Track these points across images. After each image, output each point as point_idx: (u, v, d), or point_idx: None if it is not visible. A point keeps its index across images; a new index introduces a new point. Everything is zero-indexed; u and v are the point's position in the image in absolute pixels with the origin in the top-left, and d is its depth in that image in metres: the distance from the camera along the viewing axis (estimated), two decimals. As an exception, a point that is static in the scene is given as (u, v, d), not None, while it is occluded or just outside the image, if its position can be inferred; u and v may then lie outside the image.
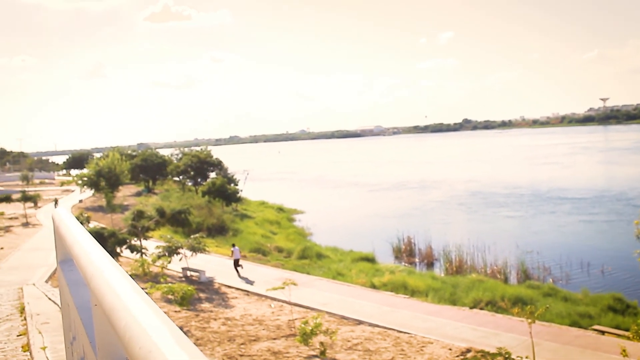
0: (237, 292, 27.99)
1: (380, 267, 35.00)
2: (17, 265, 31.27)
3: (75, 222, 2.31)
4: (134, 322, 0.95)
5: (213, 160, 75.41)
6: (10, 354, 7.37)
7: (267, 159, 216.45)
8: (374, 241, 41.78)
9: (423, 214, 58.11)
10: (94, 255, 1.59)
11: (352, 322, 22.91)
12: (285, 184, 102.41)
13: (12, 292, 14.72)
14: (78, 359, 2.32)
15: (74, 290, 2.21)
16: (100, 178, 64.08)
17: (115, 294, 1.15)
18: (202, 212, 51.59)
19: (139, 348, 0.83)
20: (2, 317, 10.40)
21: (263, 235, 48.28)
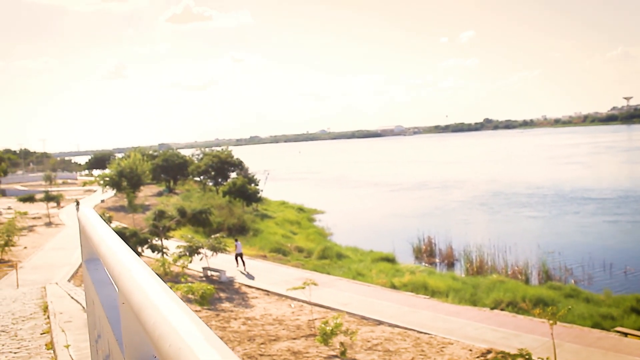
0: (258, 291, 28.08)
1: (400, 267, 34.93)
2: (40, 264, 31.65)
3: (102, 222, 2.37)
4: (163, 320, 0.99)
5: (234, 161, 75.66)
6: (34, 352, 7.48)
7: (288, 159, 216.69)
8: (394, 241, 41.68)
9: (444, 214, 57.87)
10: (122, 254, 1.64)
11: (372, 323, 22.91)
12: (306, 184, 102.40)
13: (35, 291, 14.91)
14: (103, 356, 2.38)
15: (99, 288, 2.27)
16: (122, 178, 64.69)
17: (144, 292, 1.20)
18: (223, 212, 51.78)
19: (168, 345, 0.87)
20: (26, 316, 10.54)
21: (283, 235, 48.37)
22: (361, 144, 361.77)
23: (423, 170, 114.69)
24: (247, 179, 66.30)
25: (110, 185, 67.13)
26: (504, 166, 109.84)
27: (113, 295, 2.16)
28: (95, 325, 2.57)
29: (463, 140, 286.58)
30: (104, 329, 2.22)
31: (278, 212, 62.58)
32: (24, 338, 8.45)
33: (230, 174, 74.78)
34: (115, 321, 1.86)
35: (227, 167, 75.12)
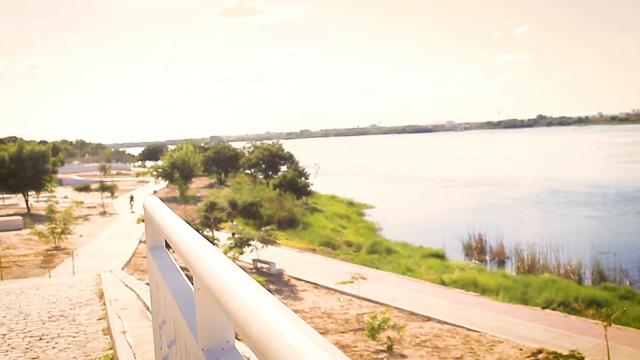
0: (307, 284, 28.20)
1: (450, 263, 34.69)
2: (95, 252, 32.34)
3: (169, 210, 2.43)
4: (247, 304, 1.02)
5: (284, 154, 75.98)
6: (92, 337, 7.67)
7: (338, 153, 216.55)
8: (445, 238, 41.35)
9: (497, 212, 57.12)
10: (195, 240, 1.69)
11: (421, 319, 22.81)
12: (356, 179, 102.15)
13: (90, 278, 15.24)
14: (168, 342, 2.44)
15: (166, 275, 2.33)
16: (174, 170, 65.56)
17: (222, 277, 1.24)
18: (273, 205, 52.10)
19: (257, 328, 0.90)
20: (83, 302, 10.80)
21: (333, 229, 48.43)
22: (412, 139, 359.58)
23: (476, 166, 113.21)
24: (298, 172, 66.50)
25: (163, 176, 68.11)
26: (561, 163, 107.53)
27: (180, 281, 2.22)
28: (160, 311, 2.64)
29: (516, 137, 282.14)
30: (170, 315, 2.28)
31: (328, 206, 62.65)
32: (81, 323, 8.67)
33: (281, 167, 75.12)
34: (184, 307, 1.92)
35: (277, 160, 75.48)
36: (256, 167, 78.13)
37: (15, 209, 52.63)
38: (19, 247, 34.62)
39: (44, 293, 12.59)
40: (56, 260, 30.10)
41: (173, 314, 2.13)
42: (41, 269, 28.40)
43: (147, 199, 2.95)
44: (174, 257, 2.70)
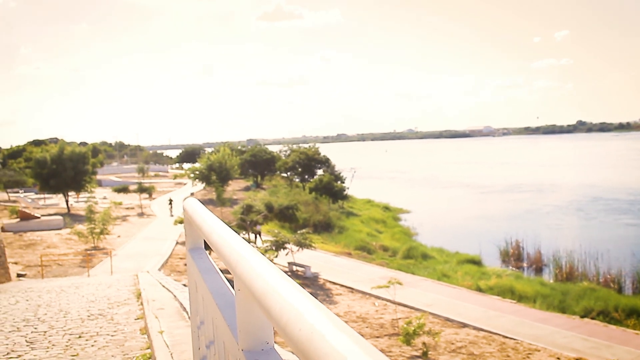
0: (342, 288, 28.19)
1: (486, 270, 34.37)
2: (132, 253, 32.76)
3: (209, 212, 2.46)
4: (289, 305, 1.03)
5: (320, 158, 76.04)
6: (130, 336, 7.77)
7: (374, 157, 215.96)
8: (481, 244, 40.94)
9: (535, 218, 56.37)
10: (236, 242, 1.71)
11: (457, 325, 22.64)
12: (393, 184, 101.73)
13: (128, 278, 15.43)
14: (206, 342, 2.47)
15: (205, 276, 2.36)
16: (211, 172, 66.12)
17: (264, 279, 1.25)
18: (309, 208, 52.16)
19: (299, 330, 0.91)
20: (120, 301, 10.94)
21: (368, 234, 48.33)
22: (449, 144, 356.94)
23: (514, 172, 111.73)
24: (334, 176, 66.55)
25: (200, 178, 68.72)
26: (602, 170, 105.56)
27: (219, 282, 2.25)
28: (199, 312, 2.67)
29: (555, 143, 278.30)
30: (209, 316, 2.31)
31: (364, 210, 62.54)
32: (119, 322, 8.79)
33: (317, 170, 75.21)
34: (224, 308, 1.94)
35: (313, 164, 75.59)
36: (292, 171, 78.32)
37: (56, 208, 53.55)
38: (59, 246, 35.22)
39: (83, 292, 12.79)
40: (95, 260, 30.56)
41: (212, 314, 2.16)
42: (80, 268, 28.85)
43: (186, 200, 2.99)
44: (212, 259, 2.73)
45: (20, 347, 7.38)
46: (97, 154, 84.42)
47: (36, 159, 52.72)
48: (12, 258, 29.76)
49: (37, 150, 60.91)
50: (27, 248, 34.10)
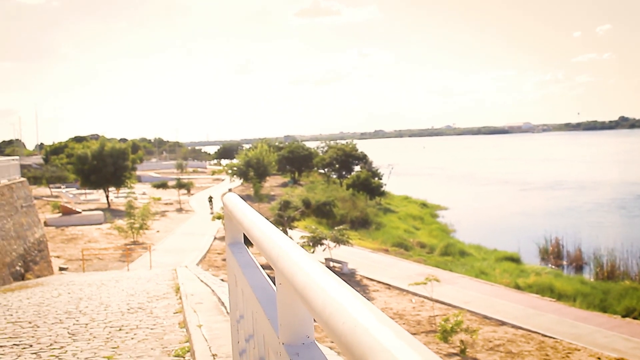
0: (379, 285, 28.12)
1: (525, 267, 34.00)
2: (171, 248, 33.13)
3: (249, 207, 2.47)
4: (332, 299, 1.03)
5: (358, 154, 75.89)
6: (169, 329, 7.86)
7: (412, 154, 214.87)
8: (520, 241, 40.46)
9: (576, 216, 55.48)
10: (277, 237, 1.72)
11: (495, 323, 22.45)
12: (430, 180, 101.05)
13: (167, 273, 15.60)
14: (245, 336, 2.48)
15: (245, 270, 2.37)
16: (249, 168, 66.51)
17: (306, 273, 1.25)
18: (346, 204, 52.12)
19: (342, 323, 0.91)
20: (159, 295, 11.06)
21: (406, 230, 48.13)
22: (487, 140, 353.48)
23: (555, 169, 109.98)
24: (371, 172, 66.35)
25: (238, 174, 69.14)
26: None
27: (259, 277, 2.26)
28: (238, 306, 2.69)
29: (596, 139, 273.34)
30: (249, 310, 2.32)
31: (401, 207, 62.30)
32: (158, 316, 8.90)
33: (354, 167, 75.08)
34: (264, 302, 1.95)
35: (351, 160, 75.47)
36: (330, 167, 78.31)
37: (97, 204, 54.37)
38: (99, 240, 35.76)
39: (122, 286, 12.97)
40: (134, 255, 30.98)
41: (252, 308, 2.17)
42: (120, 262, 29.28)
43: (226, 196, 3.01)
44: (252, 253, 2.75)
45: (62, 339, 7.52)
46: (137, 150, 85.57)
47: (77, 155, 53.60)
48: (54, 252, 30.33)
49: (78, 146, 61.83)
50: (69, 242, 34.70)
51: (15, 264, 20.72)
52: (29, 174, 53.24)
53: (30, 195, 26.14)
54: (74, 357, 6.53)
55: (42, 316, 9.30)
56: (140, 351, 6.68)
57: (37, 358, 6.59)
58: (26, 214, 24.09)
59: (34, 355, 6.72)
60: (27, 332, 8.11)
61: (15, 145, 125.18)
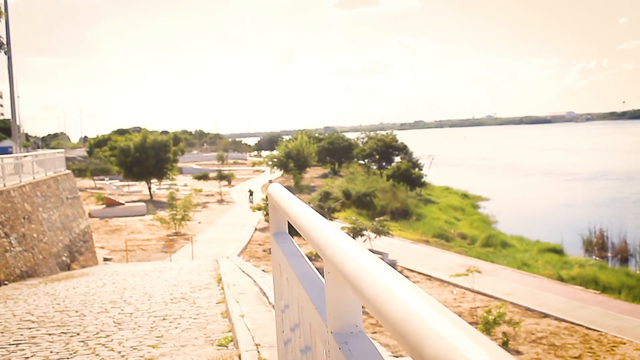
0: (419, 276, 28.00)
1: (568, 259, 33.52)
2: (212, 239, 33.43)
3: (294, 197, 2.48)
4: (384, 287, 1.03)
5: (398, 145, 75.56)
6: (212, 319, 7.95)
7: (452, 144, 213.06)
8: (563, 232, 39.89)
9: (621, 207, 54.36)
10: (324, 226, 1.72)
11: (537, 315, 22.19)
12: (472, 171, 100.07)
13: (209, 263, 15.73)
14: (291, 325, 2.49)
15: (290, 260, 2.38)
16: (289, 159, 66.69)
17: (356, 261, 1.25)
18: (387, 195, 51.95)
19: (396, 311, 0.91)
20: (202, 285, 11.17)
21: (446, 221, 47.83)
22: (530, 130, 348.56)
23: (599, 159, 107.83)
24: (411, 163, 66.07)
25: (278, 166, 69.40)
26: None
27: (305, 266, 2.26)
28: (283, 295, 2.70)
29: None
30: (294, 299, 2.33)
31: (442, 198, 61.90)
32: (201, 306, 8.99)
33: (395, 158, 74.80)
34: (311, 291, 1.95)
35: (391, 151, 75.18)
36: (370, 158, 78.13)
37: (139, 195, 55.11)
38: (142, 231, 36.27)
39: (165, 276, 13.13)
40: (176, 245, 31.34)
41: (298, 298, 2.18)
42: (162, 253, 29.66)
43: (271, 186, 3.02)
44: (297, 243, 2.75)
45: (108, 327, 7.66)
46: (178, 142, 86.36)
47: (120, 147, 54.38)
48: (98, 243, 30.86)
49: (121, 139, 62.80)
50: (113, 233, 35.27)
51: (62, 255, 21.13)
52: (74, 167, 54.23)
53: (75, 187, 26.62)
54: (119, 346, 6.65)
55: (88, 305, 9.48)
56: (184, 340, 6.77)
57: (85, 346, 6.72)
58: (71, 206, 24.53)
59: (81, 343, 6.86)
60: (75, 320, 8.27)
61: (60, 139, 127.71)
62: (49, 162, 24.40)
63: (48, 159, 24.59)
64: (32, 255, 17.99)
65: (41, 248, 19.12)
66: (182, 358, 5.98)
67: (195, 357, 5.96)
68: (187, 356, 6.04)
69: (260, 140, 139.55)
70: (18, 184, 19.15)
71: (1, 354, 6.53)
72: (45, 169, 23.38)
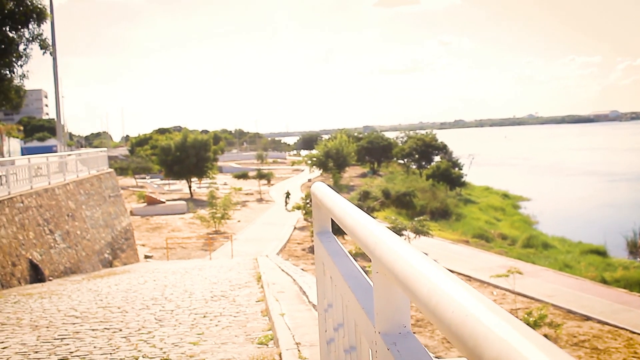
0: (459, 277, 27.67)
1: (612, 261, 32.97)
2: (251, 237, 33.61)
3: (339, 196, 2.47)
4: (438, 288, 1.01)
5: (437, 144, 75.09)
6: (252, 317, 7.98)
7: (493, 143, 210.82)
8: (607, 234, 39.18)
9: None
10: (372, 224, 1.70)
11: (579, 317, 21.83)
12: (513, 170, 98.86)
13: (248, 262, 15.80)
14: (334, 325, 2.48)
15: (334, 259, 2.37)
16: (328, 159, 66.77)
17: (407, 261, 1.23)
18: (426, 195, 51.67)
19: (451, 312, 0.89)
20: (241, 284, 11.22)
21: (486, 221, 47.39)
22: (572, 129, 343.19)
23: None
24: (451, 163, 65.63)
25: (317, 165, 69.53)
26: None
27: (349, 265, 2.25)
28: (326, 294, 2.69)
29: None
30: (338, 299, 2.32)
31: (482, 198, 61.37)
32: (241, 304, 9.03)
33: (434, 157, 74.36)
34: (357, 290, 1.94)
35: (430, 150, 74.73)
36: (409, 157, 77.77)
37: (180, 194, 55.68)
38: (182, 229, 36.64)
39: (205, 274, 13.22)
40: (216, 244, 31.58)
41: (343, 297, 2.16)
42: (202, 251, 29.91)
43: (315, 185, 3.01)
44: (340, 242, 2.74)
45: (150, 324, 7.74)
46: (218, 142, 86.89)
47: (161, 146, 55.03)
48: (139, 240, 31.27)
49: (162, 138, 63.49)
50: (154, 231, 35.70)
51: (104, 252, 21.47)
52: (116, 165, 54.96)
53: (117, 185, 27.02)
54: (161, 342, 6.72)
55: (129, 302, 9.60)
56: (225, 338, 6.81)
57: (127, 342, 6.80)
58: (114, 204, 24.90)
59: (123, 339, 6.95)
60: (117, 316, 8.39)
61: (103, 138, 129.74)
62: (92, 161, 24.82)
63: (91, 158, 25.01)
64: (75, 252, 18.32)
65: (84, 245, 19.45)
66: (222, 355, 6.01)
67: (235, 355, 5.99)
68: (227, 354, 6.07)
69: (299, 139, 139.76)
70: (62, 182, 19.52)
71: (47, 348, 6.65)
72: (88, 168, 23.78)
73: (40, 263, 15.37)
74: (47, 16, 19.81)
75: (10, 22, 18.94)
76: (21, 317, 8.78)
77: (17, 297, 10.96)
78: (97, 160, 25.43)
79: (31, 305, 9.83)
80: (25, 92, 21.51)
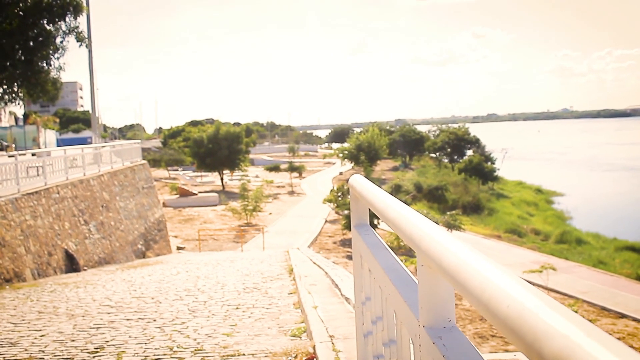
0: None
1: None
2: (283, 230, 33.71)
3: (379, 188, 2.45)
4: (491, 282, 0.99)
5: (470, 138, 74.56)
6: (284, 309, 7.99)
7: (526, 138, 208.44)
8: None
9: None
10: (417, 217, 1.68)
11: (614, 315, 21.55)
12: (546, 165, 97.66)
13: (280, 254, 15.82)
14: (372, 318, 2.47)
15: (374, 251, 2.35)
16: (360, 152, 66.61)
17: (456, 254, 1.21)
18: (458, 189, 51.34)
19: (506, 307, 0.88)
20: (273, 276, 11.24)
21: (519, 216, 46.92)
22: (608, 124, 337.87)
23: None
24: (484, 157, 65.12)
25: (349, 158, 69.43)
26: None
27: (389, 258, 2.24)
28: (364, 287, 2.68)
29: None
30: (377, 291, 2.31)
31: (514, 192, 60.79)
32: (273, 296, 9.05)
33: (467, 151, 73.86)
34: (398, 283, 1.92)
35: (463, 144, 74.24)
36: (441, 151, 77.39)
37: (212, 186, 56.02)
38: (214, 221, 36.87)
39: (237, 266, 13.27)
40: (248, 236, 31.74)
41: (382, 290, 2.15)
42: (234, 243, 30.09)
43: (353, 177, 3.00)
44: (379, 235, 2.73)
45: (183, 315, 7.80)
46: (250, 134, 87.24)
47: (194, 138, 55.42)
48: (172, 232, 31.54)
49: (194, 130, 63.95)
50: (186, 223, 35.97)
51: (137, 242, 21.70)
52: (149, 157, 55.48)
53: (150, 177, 27.27)
54: (195, 333, 6.76)
55: (163, 292, 9.68)
56: (258, 330, 6.83)
57: (161, 332, 6.86)
58: (147, 195, 25.14)
59: (158, 329, 7.01)
60: (151, 307, 8.46)
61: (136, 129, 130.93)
62: (126, 153, 25.07)
63: (125, 149, 25.27)
64: (109, 243, 18.54)
65: (118, 236, 19.68)
66: (256, 347, 6.03)
67: (269, 347, 6.01)
68: (261, 345, 6.09)
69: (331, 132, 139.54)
70: (97, 174, 19.75)
71: (83, 336, 6.74)
72: (122, 159, 24.03)
73: (75, 253, 15.59)
74: (83, 9, 20.04)
75: (48, 16, 19.20)
76: (57, 305, 8.91)
77: (53, 286, 11.13)
78: (130, 152, 25.69)
79: (67, 295, 9.98)
80: (62, 84, 21.81)
